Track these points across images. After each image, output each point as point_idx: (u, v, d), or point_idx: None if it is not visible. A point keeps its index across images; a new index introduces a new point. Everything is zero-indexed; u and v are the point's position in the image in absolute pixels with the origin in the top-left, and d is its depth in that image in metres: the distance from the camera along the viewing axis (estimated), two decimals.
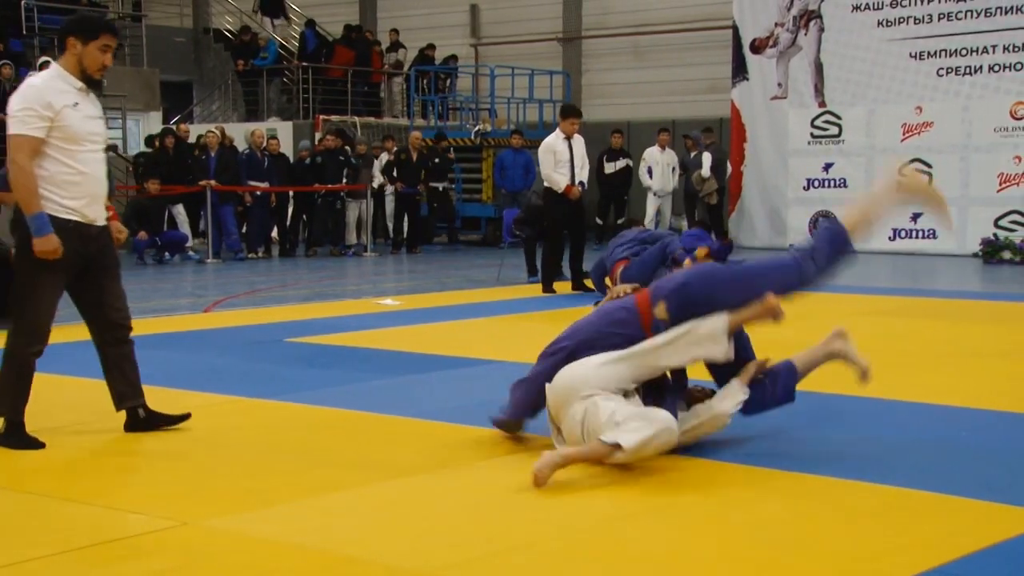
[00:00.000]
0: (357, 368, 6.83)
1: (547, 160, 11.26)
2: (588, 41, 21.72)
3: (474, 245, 19.06)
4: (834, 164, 16.87)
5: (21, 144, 4.63)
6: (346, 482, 4.34)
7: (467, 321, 9.14)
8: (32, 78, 4.81)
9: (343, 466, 4.58)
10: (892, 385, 6.05)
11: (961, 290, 11.71)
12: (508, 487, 4.24)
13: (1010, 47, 15.40)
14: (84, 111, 4.75)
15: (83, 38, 4.75)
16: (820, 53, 16.88)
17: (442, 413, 5.49)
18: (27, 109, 4.63)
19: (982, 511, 3.87)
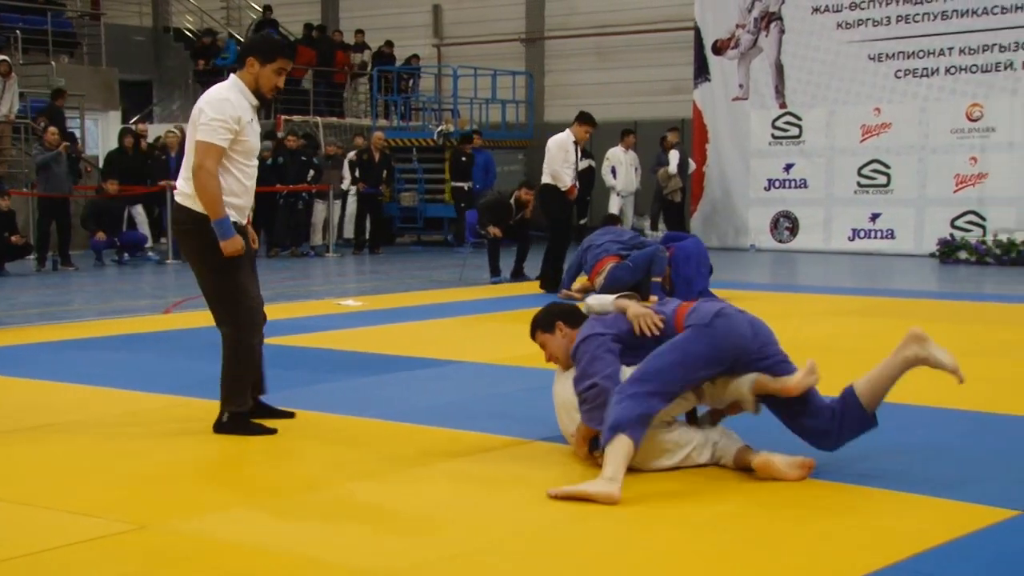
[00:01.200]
0: (320, 369, 6.80)
1: (559, 156, 11.34)
2: (551, 42, 21.76)
3: (437, 245, 19.05)
4: (795, 164, 17.01)
5: (211, 152, 4.83)
6: (309, 484, 4.32)
7: (430, 322, 9.13)
8: (224, 90, 4.96)
9: (306, 467, 4.56)
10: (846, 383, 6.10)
11: (919, 290, 11.85)
12: (474, 488, 4.24)
13: (966, 50, 15.60)
14: (255, 127, 5.01)
15: (261, 59, 4.96)
16: (781, 55, 17.02)
17: (406, 414, 5.47)
18: (219, 120, 4.84)
19: (939, 508, 3.92)
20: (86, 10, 21.66)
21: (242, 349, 4.97)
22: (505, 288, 11.83)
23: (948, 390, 6.05)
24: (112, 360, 7.19)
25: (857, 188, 16.52)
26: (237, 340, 4.97)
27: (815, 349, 7.43)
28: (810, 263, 15.27)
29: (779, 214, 17.17)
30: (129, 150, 15.81)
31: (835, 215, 16.70)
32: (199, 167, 4.84)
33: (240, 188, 4.97)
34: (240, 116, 4.88)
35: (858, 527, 3.75)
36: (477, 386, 6.33)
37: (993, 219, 15.26)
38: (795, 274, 14.26)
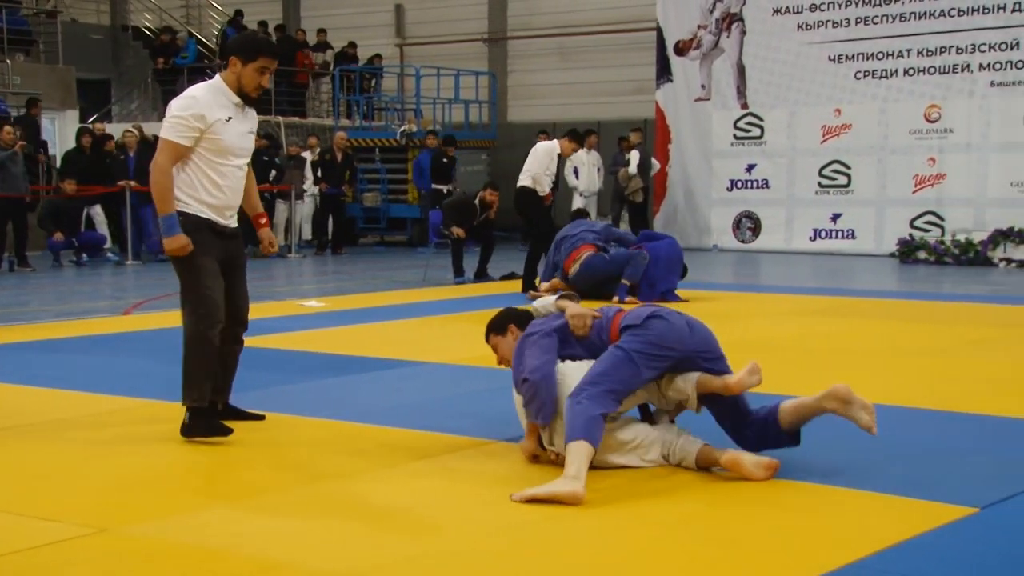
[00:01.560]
0: (282, 370, 6.76)
1: (543, 162, 11.51)
2: (514, 42, 21.77)
3: (400, 246, 19.00)
4: (757, 165, 17.13)
5: (165, 147, 4.86)
6: (272, 486, 4.29)
7: (394, 322, 9.10)
8: (196, 88, 4.99)
9: (268, 469, 4.54)
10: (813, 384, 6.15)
11: (879, 289, 11.97)
12: (439, 490, 4.23)
13: (924, 51, 15.78)
14: (237, 126, 4.97)
15: (243, 58, 4.95)
16: (742, 55, 17.13)
17: (370, 415, 5.46)
18: (179, 118, 4.86)
19: (900, 507, 3.96)
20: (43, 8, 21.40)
21: (195, 339, 4.92)
22: (469, 288, 11.83)
23: (908, 389, 6.13)
24: (71, 362, 7.11)
25: (818, 188, 16.66)
26: (191, 330, 4.94)
27: (776, 349, 7.51)
28: (772, 263, 15.39)
29: (741, 214, 17.29)
30: (87, 150, 15.64)
31: (797, 215, 16.83)
32: (153, 162, 4.88)
33: (212, 186, 4.94)
34: (205, 115, 4.85)
35: (820, 525, 3.78)
36: (442, 386, 6.32)
37: (951, 219, 15.45)
38: (758, 274, 14.37)
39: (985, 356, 7.30)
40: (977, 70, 15.41)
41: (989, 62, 15.32)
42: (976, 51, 15.40)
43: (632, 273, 10.14)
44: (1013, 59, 15.18)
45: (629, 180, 16.91)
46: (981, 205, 15.33)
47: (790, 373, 6.52)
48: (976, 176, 15.42)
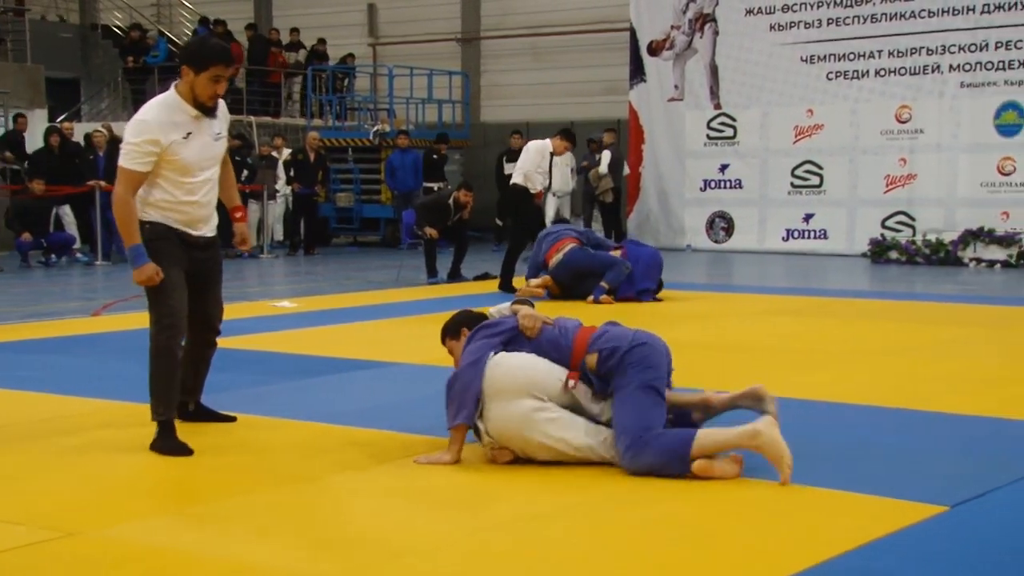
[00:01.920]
0: (253, 371, 6.73)
1: (535, 160, 11.51)
2: (487, 42, 21.76)
3: (373, 246, 18.96)
4: (730, 165, 17.20)
5: (123, 177, 4.73)
6: (243, 487, 4.27)
7: (366, 323, 9.08)
8: (149, 109, 4.79)
9: (239, 471, 4.51)
10: (786, 383, 6.19)
11: (850, 289, 12.05)
12: (410, 491, 4.22)
13: (895, 52, 15.89)
14: (198, 140, 4.80)
15: (195, 68, 4.75)
16: (715, 56, 17.19)
17: (343, 417, 5.44)
18: (132, 145, 4.71)
19: (870, 506, 3.98)
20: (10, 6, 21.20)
21: (158, 351, 4.84)
22: (442, 289, 11.81)
23: (879, 389, 6.17)
24: (41, 363, 7.05)
25: (791, 189, 16.74)
26: (154, 342, 4.87)
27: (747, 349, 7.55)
28: (745, 263, 15.46)
29: (715, 214, 17.35)
30: (55, 149, 15.50)
31: (769, 215, 16.91)
32: (114, 192, 4.79)
33: (180, 204, 4.83)
34: (159, 139, 4.68)
35: (791, 525, 3.80)
36: (415, 387, 6.31)
37: (922, 219, 15.57)
38: (731, 274, 14.43)
39: (955, 355, 7.36)
40: (947, 71, 15.54)
41: (959, 63, 15.45)
42: (946, 52, 15.52)
43: (613, 278, 10.17)
44: (982, 60, 15.31)
45: (599, 180, 16.93)
46: (952, 205, 15.45)
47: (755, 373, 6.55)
48: (946, 176, 15.55)
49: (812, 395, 5.91)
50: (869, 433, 5.06)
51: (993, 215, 14.87)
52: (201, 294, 5.01)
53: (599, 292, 10.11)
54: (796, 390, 6.02)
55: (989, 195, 15.18)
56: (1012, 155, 15.05)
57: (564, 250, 10.39)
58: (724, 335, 8.24)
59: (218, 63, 4.76)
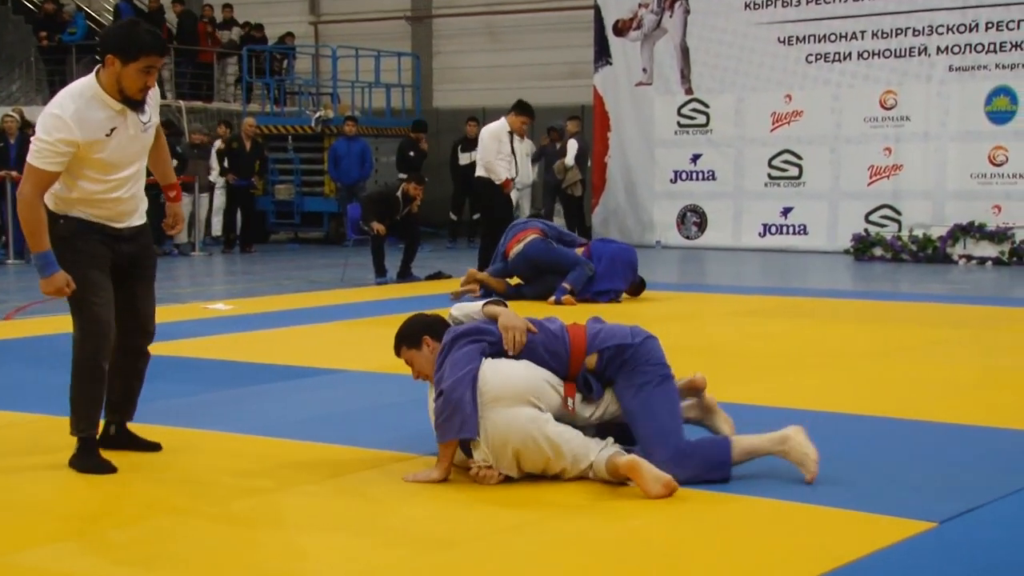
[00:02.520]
0: (183, 380, 6.68)
1: (491, 147, 11.55)
2: (439, 21, 21.75)
3: (315, 243, 18.89)
4: (702, 155, 17.28)
5: (31, 176, 4.52)
6: (172, 506, 4.24)
7: (309, 327, 9.05)
8: (63, 104, 4.52)
9: (168, 489, 4.48)
10: (761, 390, 6.25)
11: (831, 288, 12.17)
12: (360, 509, 4.22)
13: (879, 33, 16.03)
14: (122, 135, 4.59)
15: (122, 58, 4.52)
16: (686, 36, 17.26)
17: (282, 429, 5.42)
18: (44, 143, 4.47)
19: (851, 522, 4.02)
20: None
21: (82, 363, 4.68)
22: (391, 289, 11.79)
23: (860, 395, 6.24)
24: None
25: (768, 180, 16.85)
26: (77, 353, 4.70)
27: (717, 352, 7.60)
28: (719, 261, 15.56)
29: (686, 208, 17.44)
30: None
31: (745, 209, 17.02)
32: (19, 193, 4.58)
33: (98, 200, 4.63)
34: (76, 139, 4.47)
35: (770, 544, 3.83)
36: (360, 397, 6.30)
37: (908, 213, 15.72)
38: (703, 272, 14.52)
39: (942, 360, 7.45)
40: (935, 53, 15.69)
41: (947, 45, 15.62)
42: (934, 33, 15.68)
43: (575, 278, 10.21)
44: (972, 42, 15.49)
45: (566, 172, 16.96)
46: (940, 198, 15.62)
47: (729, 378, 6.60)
48: (934, 167, 15.71)
49: (788, 403, 5.95)
50: (850, 444, 5.11)
51: (984, 209, 15.05)
52: (130, 293, 4.81)
53: (560, 293, 10.14)
54: (771, 397, 6.07)
55: (980, 187, 15.35)
56: (1004, 144, 15.23)
57: (525, 241, 10.45)
58: (695, 338, 8.29)
59: (150, 53, 4.54)
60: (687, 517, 4.10)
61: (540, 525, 4.00)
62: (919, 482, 4.51)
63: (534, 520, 4.05)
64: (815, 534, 3.90)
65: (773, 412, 5.79)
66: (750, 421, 5.61)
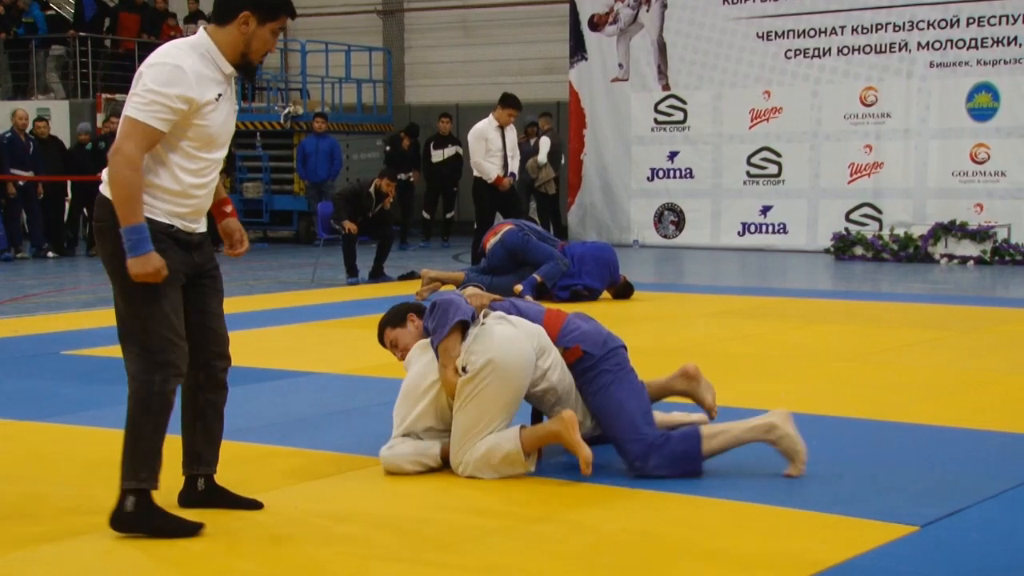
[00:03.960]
0: None
1: (478, 148, 11.71)
2: (411, 14, 21.71)
3: (285, 243, 18.82)
4: (680, 153, 17.31)
5: (136, 132, 3.89)
6: None
7: (278, 328, 9.02)
8: (181, 53, 3.99)
9: None
10: (739, 392, 6.26)
11: (811, 289, 12.22)
12: (330, 513, 4.20)
13: (859, 28, 16.11)
14: (225, 107, 4.08)
15: (260, 16, 4.05)
16: (663, 31, 17.29)
17: (249, 432, 5.40)
18: (159, 95, 3.89)
19: (831, 526, 4.04)
20: None
21: (147, 395, 3.96)
22: (363, 290, 11.76)
23: (838, 398, 6.26)
24: None
25: (746, 178, 16.91)
26: (142, 382, 3.97)
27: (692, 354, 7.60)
28: (697, 260, 15.60)
29: (663, 207, 17.47)
30: None
31: (723, 208, 17.07)
32: (116, 150, 3.90)
33: (186, 187, 4.02)
34: (194, 96, 3.93)
35: (749, 548, 3.84)
36: (331, 399, 6.28)
37: (889, 212, 15.81)
38: (681, 272, 14.56)
39: (922, 361, 7.49)
40: (916, 49, 15.78)
41: (928, 41, 15.72)
42: (915, 28, 15.77)
43: (547, 272, 10.28)
44: (953, 38, 15.59)
45: (539, 170, 16.96)
46: (921, 196, 15.72)
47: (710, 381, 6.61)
48: (915, 165, 15.79)
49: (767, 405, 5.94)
50: (828, 447, 5.13)
51: (966, 207, 15.14)
52: (202, 311, 4.16)
53: (530, 283, 10.18)
54: (749, 399, 6.08)
55: (961, 185, 15.45)
56: (986, 141, 15.33)
57: (501, 232, 10.61)
58: (672, 339, 8.31)
59: (288, 12, 4.14)
60: (666, 520, 4.10)
61: (515, 529, 4.00)
62: (901, 485, 4.54)
63: (508, 525, 4.04)
64: (796, 538, 3.92)
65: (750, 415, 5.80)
66: None
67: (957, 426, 5.58)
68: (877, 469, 4.78)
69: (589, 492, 4.43)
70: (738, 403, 6.00)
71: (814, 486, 4.50)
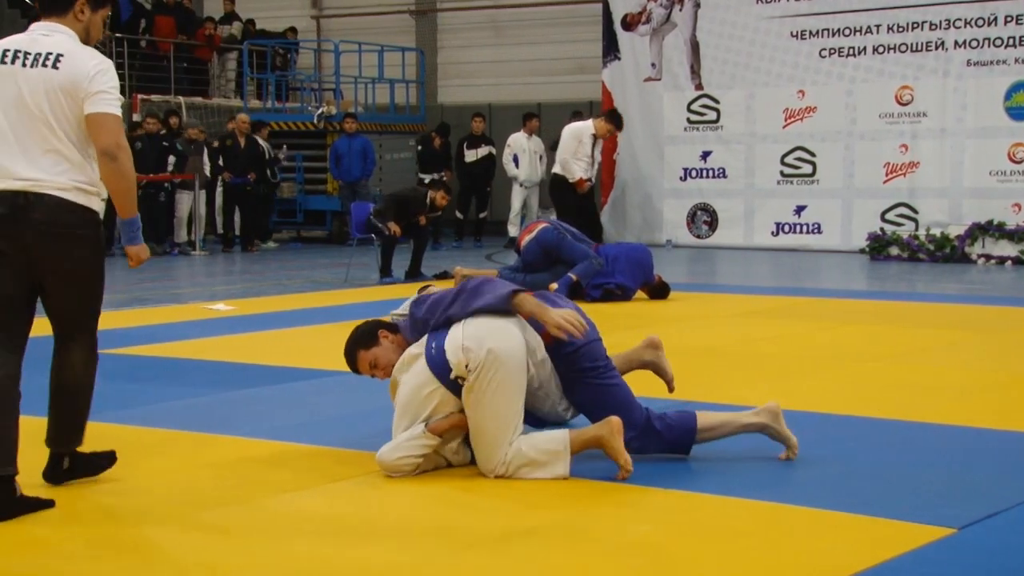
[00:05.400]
0: (183, 382, 6.68)
1: (570, 146, 11.85)
2: (444, 14, 21.74)
3: (318, 242, 18.89)
4: (712, 152, 17.25)
5: (119, 127, 4.23)
6: (169, 514, 4.23)
7: (311, 328, 9.05)
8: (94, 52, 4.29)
9: (165, 495, 4.47)
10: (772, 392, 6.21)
11: (845, 289, 12.15)
12: (358, 513, 4.21)
13: (894, 27, 16.00)
14: None
15: (92, 4, 4.34)
16: (696, 31, 17.24)
17: (281, 432, 5.41)
18: (115, 90, 4.22)
19: (865, 527, 4.01)
20: None
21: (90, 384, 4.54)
22: (396, 290, 11.78)
23: (873, 398, 6.22)
24: None
25: (780, 178, 16.83)
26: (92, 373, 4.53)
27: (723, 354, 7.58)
28: (730, 260, 15.54)
29: (696, 207, 17.41)
30: None
31: (757, 208, 17.00)
32: (118, 146, 4.15)
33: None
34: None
35: (781, 551, 3.81)
36: (362, 399, 6.29)
37: (925, 212, 15.69)
38: (714, 272, 14.50)
39: (957, 361, 7.43)
40: (952, 48, 15.65)
41: (965, 39, 15.59)
42: (951, 27, 15.65)
43: (582, 271, 10.36)
44: (991, 36, 15.46)
45: None
46: (957, 196, 15.59)
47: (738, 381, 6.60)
48: (952, 164, 15.67)
49: (800, 405, 5.94)
50: (865, 448, 5.09)
51: (1003, 207, 15.00)
52: None
53: (566, 282, 10.22)
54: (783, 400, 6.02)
55: (999, 185, 15.32)
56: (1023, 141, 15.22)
57: (536, 230, 10.73)
58: (704, 339, 8.28)
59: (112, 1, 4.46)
60: (694, 521, 4.09)
61: (538, 532, 3.99)
62: (937, 487, 4.50)
63: (530, 528, 4.03)
64: (830, 540, 3.89)
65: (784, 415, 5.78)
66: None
67: (993, 428, 5.52)
68: (912, 470, 4.74)
69: (615, 492, 4.41)
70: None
71: (847, 487, 4.47)
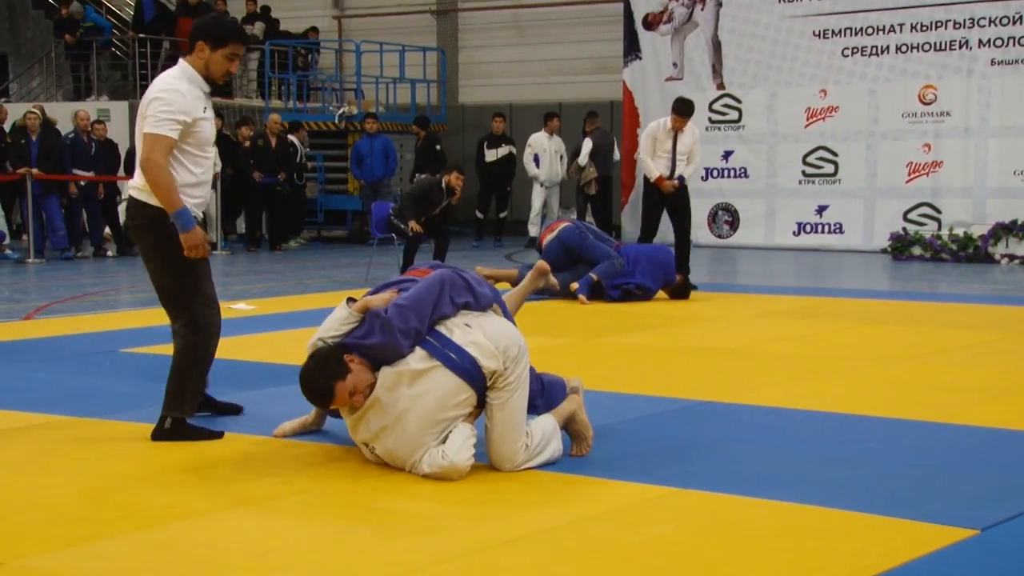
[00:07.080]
0: None
1: (645, 145, 11.83)
2: (465, 14, 21.74)
3: (339, 242, 18.92)
4: (734, 152, 17.21)
5: (158, 144, 5.06)
6: (189, 510, 4.25)
7: None
8: (175, 80, 5.16)
9: (185, 493, 4.48)
10: (794, 393, 6.21)
11: (867, 289, 12.09)
12: (381, 510, 4.21)
13: (918, 26, 15.93)
14: (210, 115, 5.25)
15: (212, 44, 5.18)
16: (718, 30, 17.20)
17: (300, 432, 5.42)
18: (166, 112, 5.06)
19: (888, 528, 3.98)
20: None
21: (200, 351, 5.27)
22: None
23: (895, 399, 6.18)
24: None
25: (802, 178, 16.77)
26: (195, 341, 5.25)
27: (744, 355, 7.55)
28: (752, 260, 15.49)
29: (717, 206, 17.37)
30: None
31: (778, 207, 16.94)
32: (147, 160, 5.08)
33: (192, 180, 5.19)
34: (190, 108, 5.10)
35: (803, 551, 3.79)
36: None
37: (948, 211, 15.61)
38: (735, 272, 14.46)
39: (981, 362, 7.38)
40: (976, 47, 15.58)
41: (989, 38, 15.50)
42: (975, 26, 15.57)
43: (603, 270, 10.41)
44: (1015, 35, 15.37)
45: (580, 172, 16.93)
46: (980, 196, 15.51)
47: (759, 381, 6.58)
48: (975, 164, 15.60)
49: (823, 406, 5.92)
50: (887, 448, 5.06)
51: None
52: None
53: (587, 281, 10.26)
54: (806, 400, 6.03)
55: (1022, 184, 15.23)
56: None
57: (558, 230, 10.85)
58: (726, 339, 8.25)
59: (235, 41, 5.22)
60: (716, 521, 4.07)
61: (558, 532, 3.98)
62: (959, 488, 4.47)
63: (550, 527, 4.02)
64: (852, 540, 3.86)
65: (805, 415, 5.76)
66: (780, 426, 5.58)
67: (1017, 429, 5.48)
68: (934, 471, 4.71)
69: (634, 492, 4.40)
70: (791, 403, 5.94)
71: (869, 488, 4.44)
